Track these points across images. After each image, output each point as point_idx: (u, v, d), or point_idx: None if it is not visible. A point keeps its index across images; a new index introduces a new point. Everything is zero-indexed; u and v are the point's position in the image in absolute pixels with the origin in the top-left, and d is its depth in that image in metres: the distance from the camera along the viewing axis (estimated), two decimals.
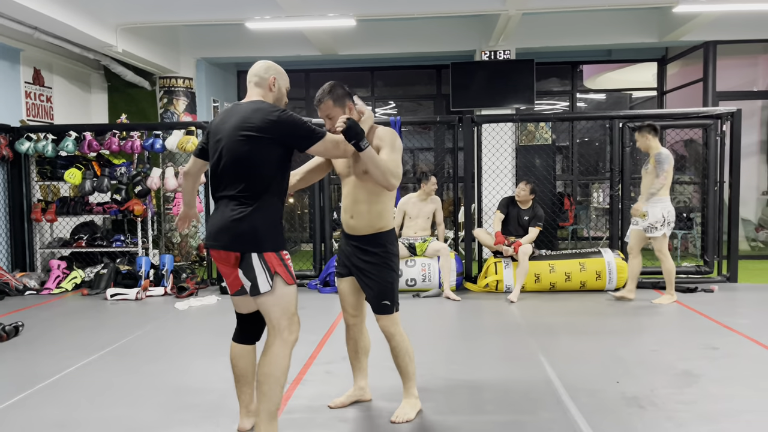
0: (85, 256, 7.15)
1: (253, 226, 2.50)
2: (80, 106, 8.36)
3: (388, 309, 2.90)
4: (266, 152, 2.52)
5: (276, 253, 2.54)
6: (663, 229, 5.36)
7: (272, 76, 2.69)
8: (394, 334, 2.93)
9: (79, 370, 3.85)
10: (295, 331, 2.59)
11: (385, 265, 2.89)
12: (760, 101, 8.65)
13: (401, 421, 2.91)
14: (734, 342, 4.23)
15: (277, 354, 2.53)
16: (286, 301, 2.55)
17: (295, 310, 2.59)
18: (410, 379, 3.01)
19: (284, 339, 2.55)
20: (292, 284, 2.57)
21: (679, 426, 2.85)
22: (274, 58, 8.52)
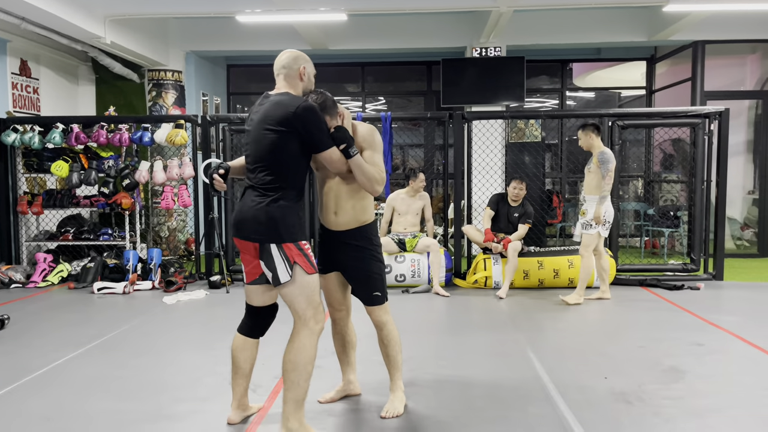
0: (72, 249, 7.08)
1: (272, 216, 2.55)
2: (67, 98, 8.27)
3: (380, 300, 2.93)
4: (286, 145, 2.57)
5: (295, 244, 2.57)
6: (597, 228, 5.35)
7: (302, 66, 2.72)
8: (385, 323, 2.96)
9: (66, 364, 3.81)
10: (321, 320, 2.63)
11: (372, 257, 2.92)
12: (747, 101, 8.73)
13: (391, 416, 2.93)
14: (720, 339, 4.28)
15: (304, 344, 2.57)
16: (309, 291, 2.58)
17: (319, 299, 2.63)
18: (398, 370, 3.04)
19: (311, 328, 2.59)
20: (312, 273, 2.61)
21: (666, 421, 2.88)
22: (264, 52, 8.49)
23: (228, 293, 6.00)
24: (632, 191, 9.74)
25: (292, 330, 2.64)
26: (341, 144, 2.66)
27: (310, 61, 2.80)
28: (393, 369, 3.03)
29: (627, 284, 6.26)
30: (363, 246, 2.89)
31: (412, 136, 10.59)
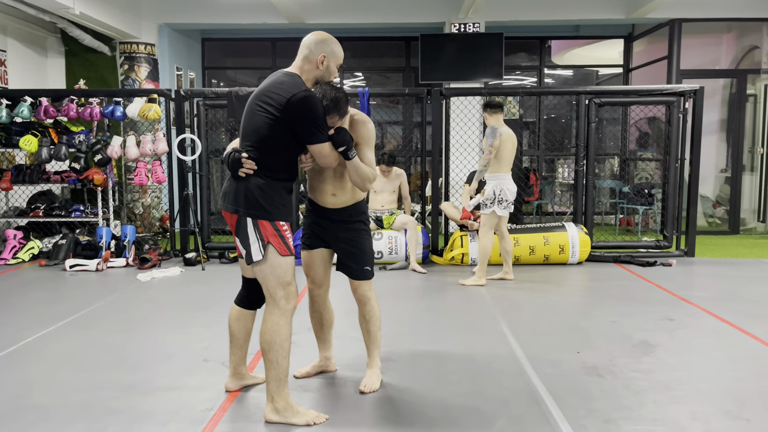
0: (43, 226, 6.95)
1: (252, 192, 2.54)
2: (36, 70, 8.04)
3: (369, 274, 2.97)
4: (275, 128, 2.52)
5: (271, 223, 2.55)
6: (493, 207, 5.17)
7: (323, 54, 2.63)
8: (370, 298, 2.99)
9: (37, 341, 3.76)
10: (292, 299, 2.61)
11: (366, 232, 2.98)
12: (722, 80, 8.82)
13: (369, 391, 2.95)
14: (690, 314, 4.37)
15: (276, 322, 2.57)
16: (280, 271, 2.57)
17: (290, 279, 2.60)
18: (377, 346, 3.07)
19: (281, 308, 2.59)
20: (286, 255, 2.58)
21: (636, 393, 2.94)
22: (240, 25, 8.33)
23: (203, 270, 5.95)
24: (608, 169, 9.83)
25: (264, 309, 2.64)
26: (340, 147, 2.63)
27: (340, 53, 2.70)
28: (372, 345, 3.06)
29: (601, 261, 6.35)
30: (359, 220, 2.95)
31: (390, 113, 10.53)
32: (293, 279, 2.62)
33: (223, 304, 4.62)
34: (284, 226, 2.59)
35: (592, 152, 6.54)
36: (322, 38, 2.66)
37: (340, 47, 2.72)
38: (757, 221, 8.63)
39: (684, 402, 2.85)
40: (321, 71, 2.65)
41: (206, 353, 3.52)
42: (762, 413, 2.73)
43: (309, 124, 2.53)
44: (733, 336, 3.86)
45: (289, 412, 2.61)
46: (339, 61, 2.70)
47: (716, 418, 2.68)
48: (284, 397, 2.61)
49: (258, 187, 2.53)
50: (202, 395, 2.93)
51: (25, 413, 2.74)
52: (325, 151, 2.60)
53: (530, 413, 2.74)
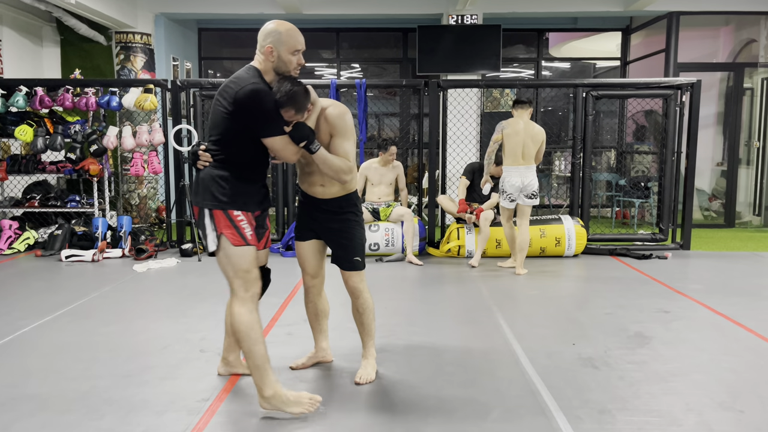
0: (39, 216, 6.93)
1: (207, 183, 2.59)
2: (31, 60, 7.99)
3: (360, 265, 2.95)
4: (229, 122, 2.55)
5: (224, 213, 2.57)
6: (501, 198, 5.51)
7: (268, 45, 2.58)
8: (362, 290, 2.98)
9: (33, 332, 3.76)
10: (251, 287, 2.62)
11: (357, 223, 2.95)
12: (719, 73, 8.82)
13: (364, 382, 2.96)
14: (685, 306, 4.39)
15: (238, 312, 2.58)
16: (235, 260, 2.59)
17: (248, 267, 2.60)
18: (372, 338, 3.07)
19: (240, 297, 2.60)
20: (240, 245, 2.59)
21: (631, 385, 2.95)
22: (237, 15, 8.29)
23: (200, 261, 5.94)
24: (605, 162, 9.84)
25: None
26: (299, 142, 2.61)
27: (290, 39, 2.58)
28: (366, 337, 3.06)
29: (597, 253, 6.37)
30: (349, 211, 2.92)
31: (387, 105, 10.51)
32: (251, 267, 2.61)
33: (219, 294, 4.63)
34: (239, 216, 2.59)
35: (589, 145, 6.54)
36: (269, 28, 2.60)
37: (293, 33, 2.60)
38: (753, 214, 8.66)
39: (678, 393, 2.86)
40: (273, 62, 2.59)
41: (203, 344, 3.52)
42: (756, 405, 2.75)
43: (257, 118, 2.52)
44: (728, 328, 3.88)
45: (278, 399, 2.58)
46: (292, 47, 2.59)
47: (710, 410, 2.69)
48: (269, 385, 2.57)
49: (212, 178, 2.57)
50: (198, 385, 2.93)
51: (22, 403, 2.74)
52: (277, 145, 2.58)
53: (526, 404, 2.75)
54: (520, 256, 5.47)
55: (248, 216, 2.62)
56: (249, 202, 2.65)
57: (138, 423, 2.56)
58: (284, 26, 2.60)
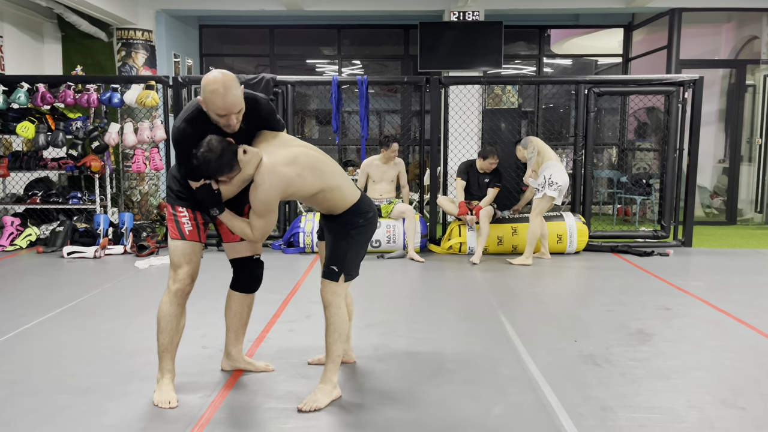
0: (40, 213, 6.93)
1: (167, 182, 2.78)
2: (32, 56, 7.98)
3: (333, 275, 2.70)
4: None
5: (171, 207, 2.72)
6: (544, 190, 5.61)
7: (200, 97, 2.50)
8: (330, 303, 2.70)
9: (35, 328, 3.76)
10: (180, 281, 2.71)
11: (344, 234, 2.72)
12: (721, 70, 8.80)
13: (308, 410, 2.62)
14: (687, 303, 4.38)
15: (163, 300, 2.74)
16: (171, 254, 2.74)
17: (180, 262, 2.71)
18: (333, 361, 2.73)
19: (168, 287, 2.73)
20: (176, 239, 2.72)
21: (632, 382, 2.95)
22: (238, 12, 8.28)
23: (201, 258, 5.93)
24: (606, 159, 9.83)
25: None
26: (201, 205, 2.67)
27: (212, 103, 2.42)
28: (327, 358, 2.74)
29: (599, 250, 6.36)
30: (348, 221, 2.73)
31: (389, 102, 10.50)
32: (183, 263, 2.71)
33: (221, 291, 4.61)
34: (182, 212, 2.70)
35: (591, 142, 6.54)
36: (203, 81, 2.45)
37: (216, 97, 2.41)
38: (755, 212, 8.65)
39: (680, 390, 2.86)
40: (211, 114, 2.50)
41: (204, 340, 3.52)
42: (757, 401, 2.75)
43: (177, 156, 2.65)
44: (729, 325, 3.88)
45: (158, 384, 2.75)
46: (214, 111, 2.46)
47: (712, 407, 2.69)
48: (161, 369, 2.75)
49: (170, 176, 2.77)
50: (200, 381, 2.94)
51: (23, 399, 2.75)
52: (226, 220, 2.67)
53: (527, 401, 2.75)
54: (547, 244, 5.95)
55: (192, 213, 2.71)
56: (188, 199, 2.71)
57: (140, 419, 2.56)
58: (212, 86, 2.42)
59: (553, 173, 5.61)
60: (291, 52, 10.06)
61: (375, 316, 4.02)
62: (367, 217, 2.77)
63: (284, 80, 6.46)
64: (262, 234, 2.65)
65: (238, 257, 2.94)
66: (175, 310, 2.71)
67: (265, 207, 2.56)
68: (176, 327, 2.73)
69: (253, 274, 2.96)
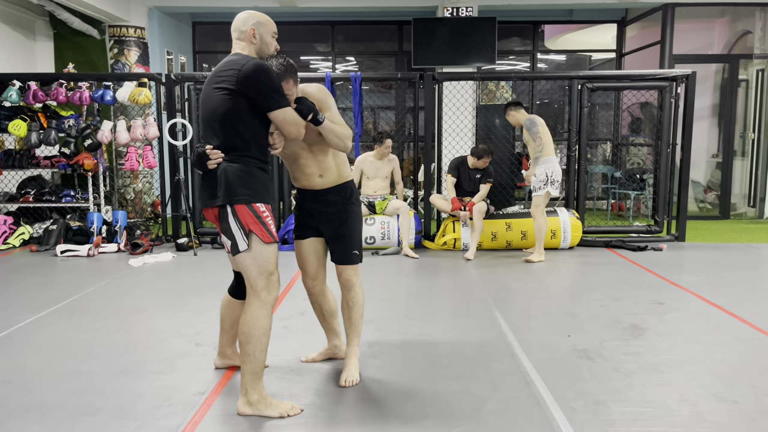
0: (33, 211, 6.91)
1: (222, 177, 2.48)
2: (24, 54, 7.94)
3: (357, 258, 2.92)
4: (233, 102, 2.46)
5: (249, 208, 2.48)
6: (546, 187, 5.58)
7: (251, 27, 2.60)
8: (355, 284, 2.92)
9: (28, 327, 3.75)
10: (274, 290, 2.54)
11: (356, 214, 2.92)
12: (714, 65, 8.82)
13: (349, 385, 2.85)
14: (680, 297, 4.40)
15: (256, 315, 2.50)
16: (263, 261, 2.49)
17: (273, 269, 2.53)
18: (358, 335, 2.97)
19: (262, 299, 2.51)
20: (270, 243, 2.51)
21: (625, 376, 2.97)
22: (231, 8, 8.24)
23: (195, 255, 5.93)
24: (600, 154, 9.85)
25: (246, 300, 2.59)
26: (308, 114, 2.60)
27: (269, 22, 2.66)
28: (353, 334, 2.96)
29: (592, 246, 6.38)
30: (349, 201, 2.89)
31: (383, 98, 10.49)
32: (276, 269, 2.55)
33: (215, 289, 4.63)
34: (263, 211, 2.51)
35: (585, 137, 6.55)
36: (245, 15, 2.65)
37: (267, 17, 2.69)
38: (748, 206, 8.68)
39: (672, 384, 2.88)
40: (257, 44, 2.62)
41: (198, 338, 3.52)
42: (749, 395, 2.77)
43: (266, 91, 2.46)
44: (722, 319, 3.90)
45: (263, 404, 2.56)
46: (270, 28, 2.66)
47: (704, 400, 2.71)
48: (258, 390, 2.56)
49: (228, 172, 2.47)
50: (194, 379, 2.93)
51: (17, 398, 2.74)
52: (288, 116, 2.51)
53: (521, 396, 2.76)
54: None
55: (269, 209, 2.56)
56: (267, 194, 2.57)
57: (133, 417, 2.56)
58: (257, 12, 2.67)
59: (555, 170, 5.60)
60: (284, 49, 9.96)
61: (369, 312, 4.02)
62: (357, 194, 2.98)
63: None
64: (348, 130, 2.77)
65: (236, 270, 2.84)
66: (270, 322, 2.55)
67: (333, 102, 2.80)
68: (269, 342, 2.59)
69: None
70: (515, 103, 5.82)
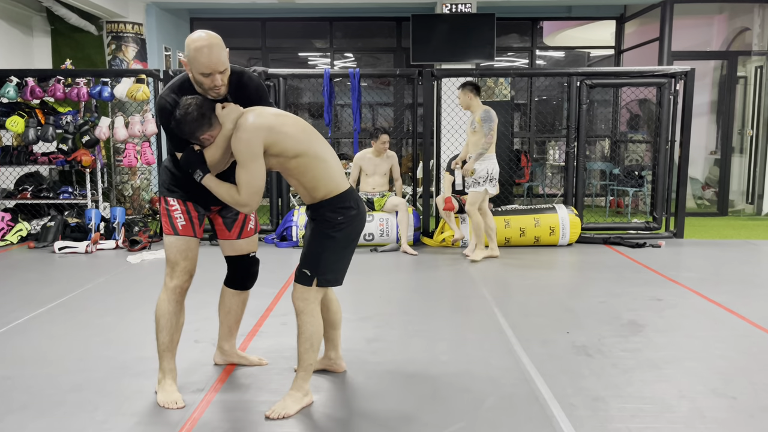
0: (31, 208, 6.89)
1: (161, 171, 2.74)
2: (21, 50, 7.91)
3: (304, 279, 2.53)
4: None
5: (164, 200, 2.69)
6: (485, 185, 5.47)
7: (183, 59, 2.50)
8: (303, 311, 2.53)
9: (27, 323, 3.74)
10: (177, 278, 2.67)
11: (320, 233, 2.54)
12: (712, 62, 8.82)
13: (276, 417, 2.49)
14: (678, 294, 4.41)
15: (161, 298, 2.70)
16: (166, 249, 2.70)
17: (175, 258, 2.67)
18: (304, 369, 2.58)
19: (165, 284, 2.70)
20: (169, 234, 2.68)
21: (624, 372, 2.97)
22: (230, 5, 8.23)
23: None
24: (599, 151, 9.85)
25: None
26: (186, 169, 2.51)
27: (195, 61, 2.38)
28: (299, 366, 2.59)
29: (591, 242, 6.38)
30: (325, 220, 2.53)
31: (381, 95, 10.47)
32: (181, 259, 2.67)
33: (213, 285, 4.60)
34: (174, 206, 2.66)
35: (583, 134, 6.54)
36: (187, 40, 2.45)
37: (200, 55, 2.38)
38: (746, 203, 8.69)
39: (671, 380, 2.88)
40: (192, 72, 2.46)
41: (197, 334, 3.52)
42: (748, 391, 2.77)
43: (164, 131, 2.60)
44: (720, 315, 3.90)
45: (160, 384, 2.69)
46: (198, 69, 2.40)
47: (703, 396, 2.71)
48: (162, 369, 2.69)
49: (162, 168, 2.75)
50: (193, 376, 2.93)
51: (16, 394, 2.74)
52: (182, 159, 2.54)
53: (520, 392, 2.76)
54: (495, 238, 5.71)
55: (184, 205, 2.66)
56: (188, 192, 2.65)
57: (132, 414, 2.55)
58: (196, 43, 2.39)
59: (495, 168, 5.48)
60: (283, 45, 10.01)
61: (368, 309, 4.03)
62: (348, 214, 2.51)
63: (276, 73, 6.44)
64: (250, 193, 2.37)
65: (233, 254, 2.92)
66: (174, 307, 2.67)
67: (248, 151, 2.33)
68: (176, 325, 2.69)
69: (248, 271, 2.94)
70: (476, 87, 5.54)
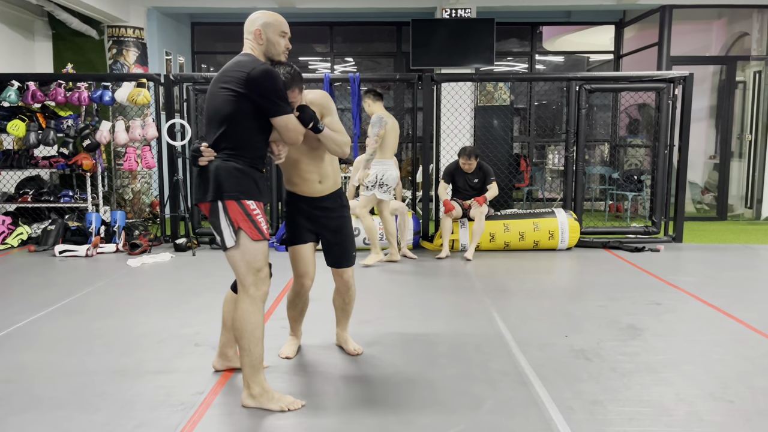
0: (32, 211, 6.91)
1: (215, 173, 2.52)
2: (23, 54, 7.94)
3: (354, 260, 3.13)
4: (237, 104, 2.51)
5: (239, 204, 2.52)
6: (373, 190, 5.46)
7: (257, 28, 2.63)
8: (353, 283, 3.16)
9: (27, 327, 3.75)
10: (262, 286, 2.58)
11: (349, 219, 3.08)
12: (711, 67, 8.85)
13: (361, 352, 3.27)
14: (677, 298, 4.42)
15: (246, 310, 2.55)
16: (251, 257, 2.53)
17: (261, 266, 2.56)
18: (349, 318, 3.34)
19: (251, 295, 2.55)
20: (259, 240, 2.55)
21: (622, 376, 2.98)
22: (230, 9, 8.25)
23: (194, 256, 5.94)
24: (598, 155, 9.87)
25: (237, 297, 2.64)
26: (309, 123, 2.69)
27: (277, 22, 2.66)
28: (347, 322, 3.33)
29: (590, 246, 6.40)
30: (343, 208, 3.06)
31: None
32: (265, 265, 2.59)
33: (214, 289, 4.64)
34: (255, 209, 2.55)
35: (583, 138, 6.56)
36: (255, 16, 2.68)
37: (279, 17, 2.69)
38: (745, 207, 8.71)
39: (669, 384, 2.89)
40: (263, 45, 2.64)
41: (197, 338, 3.53)
42: (746, 395, 2.78)
43: (271, 96, 2.49)
44: (719, 320, 3.92)
45: (265, 397, 2.60)
46: (278, 28, 2.66)
47: (701, 400, 2.72)
48: (259, 383, 2.61)
49: (221, 169, 2.51)
50: (192, 379, 2.94)
51: (16, 397, 2.75)
52: (290, 123, 2.56)
53: (518, 395, 2.77)
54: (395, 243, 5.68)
55: (261, 207, 2.60)
56: (258, 192, 2.60)
57: (132, 417, 2.56)
58: (266, 13, 2.70)
59: (386, 174, 5.44)
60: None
61: (368, 312, 4.04)
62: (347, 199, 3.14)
63: None
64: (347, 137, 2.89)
65: None
66: (263, 317, 2.59)
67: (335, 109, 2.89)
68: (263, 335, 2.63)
69: None
70: (375, 93, 5.51)
